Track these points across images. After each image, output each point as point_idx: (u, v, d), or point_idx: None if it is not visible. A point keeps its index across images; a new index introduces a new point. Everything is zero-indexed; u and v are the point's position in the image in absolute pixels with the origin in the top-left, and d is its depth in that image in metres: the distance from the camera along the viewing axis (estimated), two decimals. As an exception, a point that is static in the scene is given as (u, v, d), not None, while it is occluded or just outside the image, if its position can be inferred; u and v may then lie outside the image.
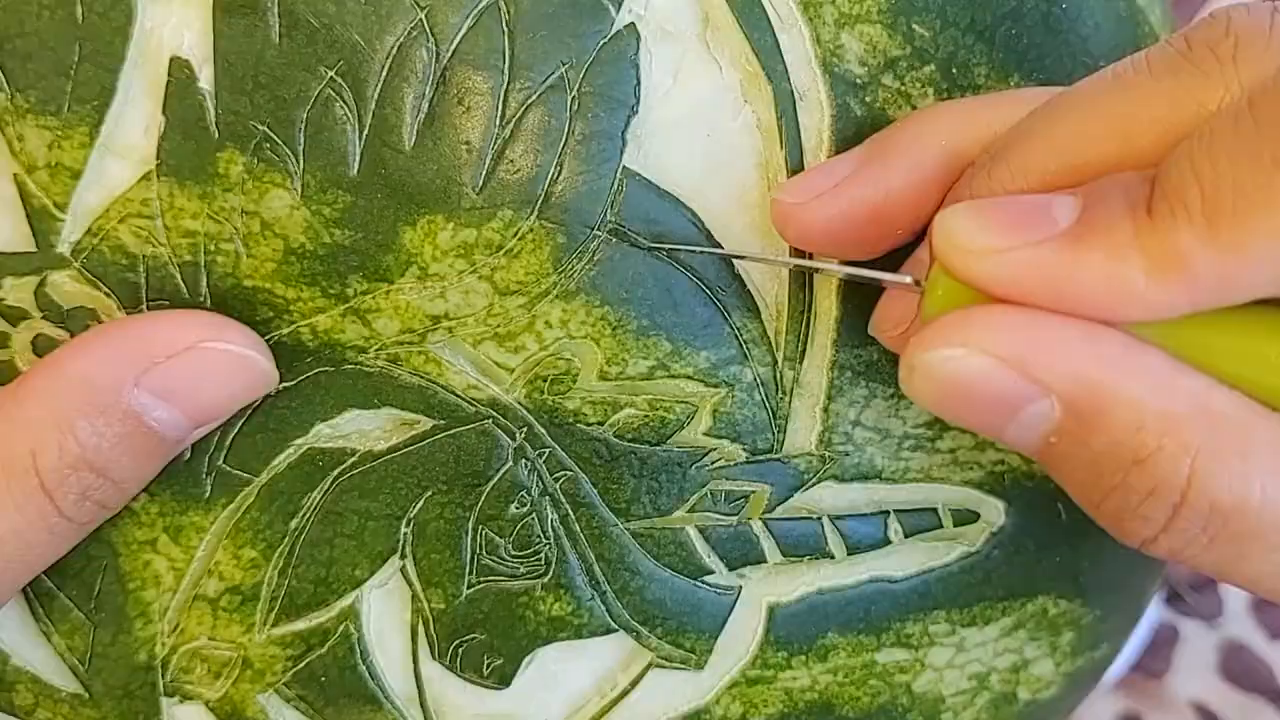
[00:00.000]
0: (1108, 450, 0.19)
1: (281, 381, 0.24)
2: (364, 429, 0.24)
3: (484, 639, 0.25)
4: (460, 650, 0.25)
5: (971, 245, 0.19)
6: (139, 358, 0.22)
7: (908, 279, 0.22)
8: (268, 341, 0.23)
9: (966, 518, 0.27)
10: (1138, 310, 0.18)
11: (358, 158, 0.23)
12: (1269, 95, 0.17)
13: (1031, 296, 0.19)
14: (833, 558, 0.26)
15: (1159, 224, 0.18)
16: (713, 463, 0.25)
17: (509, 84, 0.23)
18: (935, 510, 0.27)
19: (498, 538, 0.24)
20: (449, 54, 0.23)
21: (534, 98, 0.23)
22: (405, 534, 0.24)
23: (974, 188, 0.21)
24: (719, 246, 0.24)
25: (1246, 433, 0.19)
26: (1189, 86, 0.19)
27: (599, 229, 0.23)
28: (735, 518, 0.25)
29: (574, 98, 0.23)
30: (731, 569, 0.26)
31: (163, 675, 0.25)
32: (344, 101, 0.23)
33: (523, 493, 0.24)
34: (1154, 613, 0.54)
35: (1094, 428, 0.19)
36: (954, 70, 0.25)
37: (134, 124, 0.23)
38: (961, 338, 0.19)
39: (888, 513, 0.26)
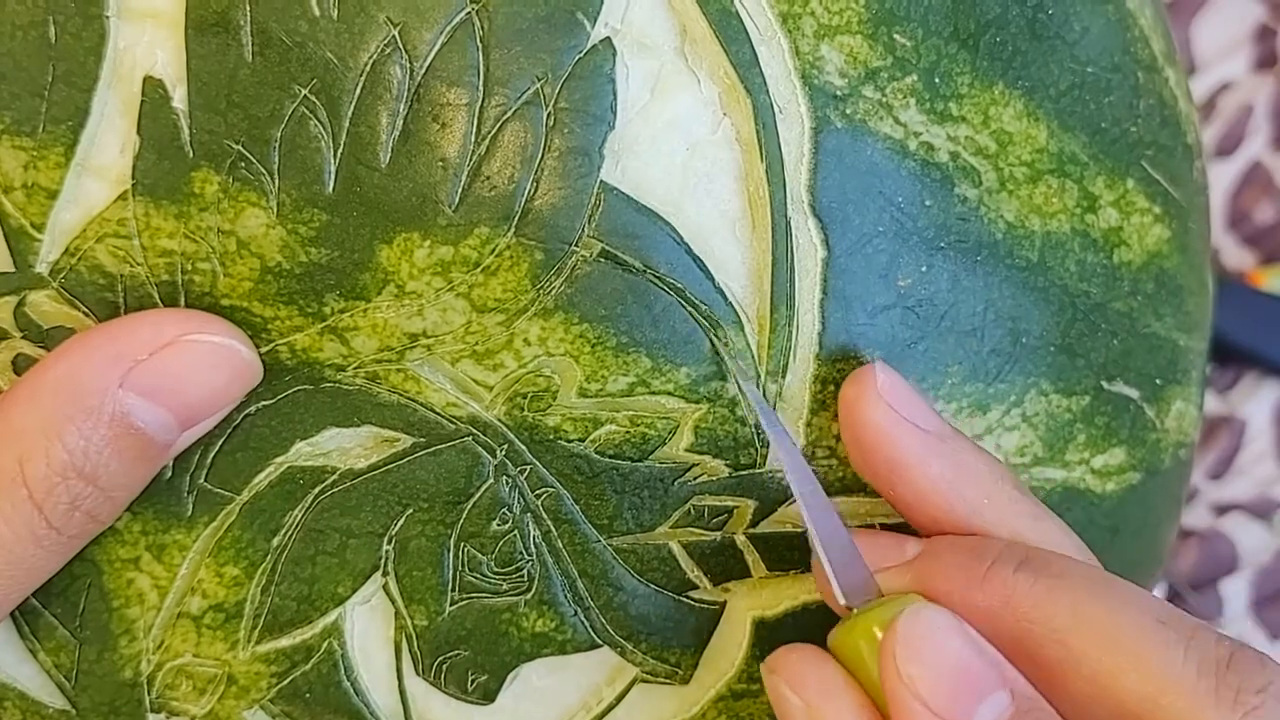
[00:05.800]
0: None
1: (260, 400, 0.24)
2: (344, 447, 0.24)
3: (468, 655, 0.25)
4: (444, 666, 0.25)
5: None
6: (120, 358, 0.22)
7: (841, 601, 0.23)
8: None
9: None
10: None
11: (333, 176, 0.23)
12: None
13: None
14: (818, 571, 0.26)
15: None
16: (695, 478, 0.25)
17: (484, 100, 0.23)
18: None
19: (480, 554, 0.24)
20: (423, 70, 0.22)
21: (510, 113, 0.23)
22: (387, 551, 0.24)
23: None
24: (698, 261, 0.24)
25: None
26: (1198, 698, 0.20)
27: (577, 245, 0.23)
28: (719, 532, 0.25)
29: (550, 113, 0.23)
30: (716, 583, 0.25)
31: (148, 692, 0.25)
32: (318, 120, 0.22)
33: (504, 510, 0.24)
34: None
35: None
36: (936, 80, 0.25)
37: (109, 144, 0.23)
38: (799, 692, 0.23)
39: (873, 525, 0.26)
